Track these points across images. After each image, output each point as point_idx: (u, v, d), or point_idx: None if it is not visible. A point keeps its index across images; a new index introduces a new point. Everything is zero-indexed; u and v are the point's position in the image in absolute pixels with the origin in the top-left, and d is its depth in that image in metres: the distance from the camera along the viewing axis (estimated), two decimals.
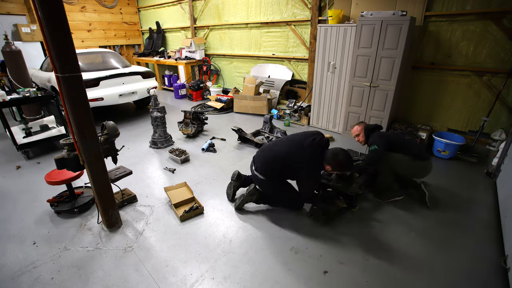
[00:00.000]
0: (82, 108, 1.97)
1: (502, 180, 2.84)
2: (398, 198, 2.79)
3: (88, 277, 1.99)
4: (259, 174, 2.47)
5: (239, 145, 4.24)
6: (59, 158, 2.19)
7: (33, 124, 4.19)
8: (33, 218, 2.62)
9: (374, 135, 2.79)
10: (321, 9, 4.91)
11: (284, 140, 2.51)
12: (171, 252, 2.20)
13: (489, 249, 2.21)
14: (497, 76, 3.55)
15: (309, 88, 5.46)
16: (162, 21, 8.68)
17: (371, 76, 3.90)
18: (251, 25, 6.29)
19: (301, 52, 5.59)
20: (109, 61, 5.58)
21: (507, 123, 3.61)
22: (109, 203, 2.36)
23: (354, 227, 2.46)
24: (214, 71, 7.59)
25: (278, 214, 2.64)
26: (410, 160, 2.66)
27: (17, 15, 6.99)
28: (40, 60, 6.34)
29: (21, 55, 4.41)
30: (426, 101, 4.19)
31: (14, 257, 2.17)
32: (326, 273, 2.00)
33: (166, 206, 2.78)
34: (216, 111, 5.96)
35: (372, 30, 3.70)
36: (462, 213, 2.64)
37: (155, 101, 4.00)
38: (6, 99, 3.51)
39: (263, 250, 2.21)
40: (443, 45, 3.84)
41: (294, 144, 2.35)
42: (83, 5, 8.11)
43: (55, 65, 1.82)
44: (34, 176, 3.37)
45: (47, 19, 1.71)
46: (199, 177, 3.31)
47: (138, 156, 3.88)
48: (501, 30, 3.41)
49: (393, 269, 2.03)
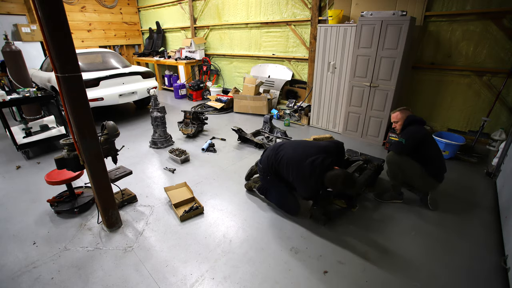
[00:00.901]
0: (82, 108, 1.97)
1: (502, 180, 2.84)
2: (398, 201, 2.77)
3: (88, 277, 1.99)
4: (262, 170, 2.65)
5: (239, 145, 4.24)
6: (59, 158, 2.19)
7: (33, 124, 4.19)
8: (33, 218, 2.62)
9: (411, 128, 2.56)
10: (321, 9, 4.91)
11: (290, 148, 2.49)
12: (171, 252, 2.20)
13: (489, 249, 2.21)
14: (497, 76, 3.55)
15: (309, 88, 5.46)
16: (162, 21, 8.68)
17: (371, 76, 3.90)
18: (251, 25, 6.29)
19: (301, 52, 5.60)
20: (109, 61, 5.58)
21: (507, 123, 3.61)
22: (109, 203, 2.36)
23: (354, 227, 2.46)
24: (214, 71, 7.59)
25: (278, 214, 2.64)
26: (424, 174, 2.55)
27: (17, 15, 7.00)
28: (40, 60, 6.35)
29: (21, 55, 4.42)
30: (426, 101, 4.20)
31: (14, 257, 2.17)
32: (326, 273, 2.00)
33: (166, 206, 2.78)
34: (216, 111, 5.96)
35: (372, 30, 3.70)
36: (462, 213, 2.64)
37: (155, 101, 4.00)
38: (6, 99, 3.51)
39: (263, 250, 2.21)
40: (443, 45, 3.84)
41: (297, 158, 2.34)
42: (83, 5, 8.11)
43: (55, 65, 1.82)
44: (34, 176, 3.37)
45: (47, 19, 1.71)
46: (199, 177, 3.31)
47: (138, 156, 3.88)
48: (501, 30, 3.41)
49: (393, 269, 2.03)
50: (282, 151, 2.48)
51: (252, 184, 2.98)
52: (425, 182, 2.59)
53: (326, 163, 2.22)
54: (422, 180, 2.59)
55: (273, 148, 2.59)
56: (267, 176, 2.61)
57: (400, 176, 2.66)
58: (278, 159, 2.45)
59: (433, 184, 2.60)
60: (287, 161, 2.38)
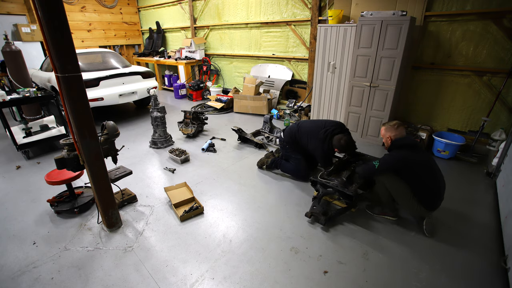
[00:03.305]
0: (82, 108, 1.97)
1: (502, 180, 2.84)
2: (391, 218, 2.52)
3: (88, 277, 1.99)
4: (284, 142, 3.25)
5: (239, 145, 4.24)
6: (59, 158, 2.19)
7: (33, 124, 4.19)
8: (33, 218, 2.62)
9: (392, 154, 2.31)
10: (321, 9, 4.91)
11: (308, 123, 3.19)
12: (171, 252, 2.20)
13: (489, 249, 2.21)
14: (497, 76, 3.55)
15: (309, 88, 5.46)
16: (162, 21, 8.68)
17: (371, 76, 3.90)
18: (251, 25, 6.29)
19: (301, 52, 5.59)
20: (109, 61, 5.58)
21: (507, 123, 3.61)
22: (109, 203, 2.36)
23: (354, 227, 2.46)
24: (214, 71, 7.59)
25: (278, 214, 2.64)
26: (413, 199, 2.25)
27: (17, 15, 7.00)
28: (40, 60, 6.35)
29: (21, 55, 4.42)
30: (426, 101, 4.19)
31: (14, 257, 2.17)
32: (326, 273, 2.00)
33: (166, 206, 2.78)
34: (216, 111, 5.96)
35: (372, 30, 3.70)
36: (462, 213, 2.64)
37: (155, 101, 4.00)
38: (6, 99, 3.51)
39: (263, 250, 2.21)
40: (443, 45, 3.84)
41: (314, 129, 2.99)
42: (83, 5, 8.11)
43: (55, 65, 1.83)
44: (34, 176, 3.37)
45: (47, 19, 1.71)
46: (199, 177, 3.31)
47: (138, 156, 3.88)
48: (501, 30, 3.41)
49: (393, 269, 2.03)
50: (303, 124, 3.15)
51: (264, 160, 3.47)
52: (413, 207, 2.29)
53: (335, 132, 2.87)
54: (409, 204, 2.29)
55: (295, 123, 3.24)
56: (286, 146, 3.25)
57: (386, 195, 2.41)
58: (300, 131, 3.09)
59: (423, 212, 2.31)
60: (306, 132, 3.04)
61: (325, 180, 2.73)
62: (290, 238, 2.33)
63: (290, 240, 2.31)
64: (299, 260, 2.12)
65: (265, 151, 4.00)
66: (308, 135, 3.02)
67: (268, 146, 4.15)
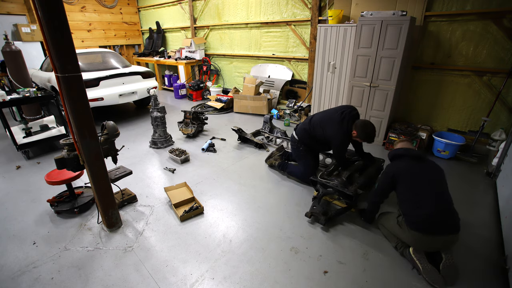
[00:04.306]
0: (82, 108, 1.97)
1: (502, 180, 2.84)
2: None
3: (88, 277, 1.99)
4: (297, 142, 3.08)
5: (239, 145, 4.24)
6: (59, 158, 2.19)
7: (33, 124, 4.19)
8: (33, 218, 2.62)
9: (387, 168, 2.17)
10: (321, 9, 4.91)
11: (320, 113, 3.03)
12: (171, 252, 2.20)
13: (489, 249, 2.22)
14: (497, 76, 3.55)
15: (309, 88, 5.46)
16: (162, 21, 8.68)
17: (371, 76, 3.90)
18: (251, 25, 6.29)
19: (301, 52, 5.59)
20: (109, 61, 5.58)
21: (507, 123, 3.61)
22: (109, 203, 2.36)
23: (354, 227, 2.46)
24: (214, 71, 7.59)
25: (278, 214, 2.64)
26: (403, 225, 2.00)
27: (17, 15, 7.00)
28: (40, 60, 6.35)
29: (21, 55, 4.42)
30: (426, 101, 4.19)
31: (14, 257, 2.17)
32: (326, 273, 2.00)
33: (166, 206, 2.78)
34: (216, 111, 5.96)
35: (372, 30, 3.70)
36: (462, 213, 2.62)
37: (155, 101, 4.00)
38: (6, 99, 3.51)
39: (263, 250, 2.21)
40: (443, 45, 3.84)
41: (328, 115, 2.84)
42: (83, 5, 8.11)
43: (55, 65, 1.83)
44: (34, 176, 3.37)
45: (47, 19, 1.71)
46: (199, 177, 3.31)
47: (138, 156, 3.88)
48: (501, 30, 3.41)
49: (393, 269, 2.03)
50: (314, 116, 3.01)
51: (273, 161, 3.45)
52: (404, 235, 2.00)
53: (354, 112, 2.70)
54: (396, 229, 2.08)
55: (306, 119, 3.08)
56: (299, 147, 3.06)
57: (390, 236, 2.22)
58: (312, 124, 2.93)
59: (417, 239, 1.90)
60: (320, 121, 2.86)
61: (325, 180, 2.73)
62: (290, 238, 2.33)
63: (290, 240, 2.31)
64: (299, 260, 2.12)
65: (265, 151, 4.00)
66: (321, 123, 2.83)
67: (268, 146, 4.15)
